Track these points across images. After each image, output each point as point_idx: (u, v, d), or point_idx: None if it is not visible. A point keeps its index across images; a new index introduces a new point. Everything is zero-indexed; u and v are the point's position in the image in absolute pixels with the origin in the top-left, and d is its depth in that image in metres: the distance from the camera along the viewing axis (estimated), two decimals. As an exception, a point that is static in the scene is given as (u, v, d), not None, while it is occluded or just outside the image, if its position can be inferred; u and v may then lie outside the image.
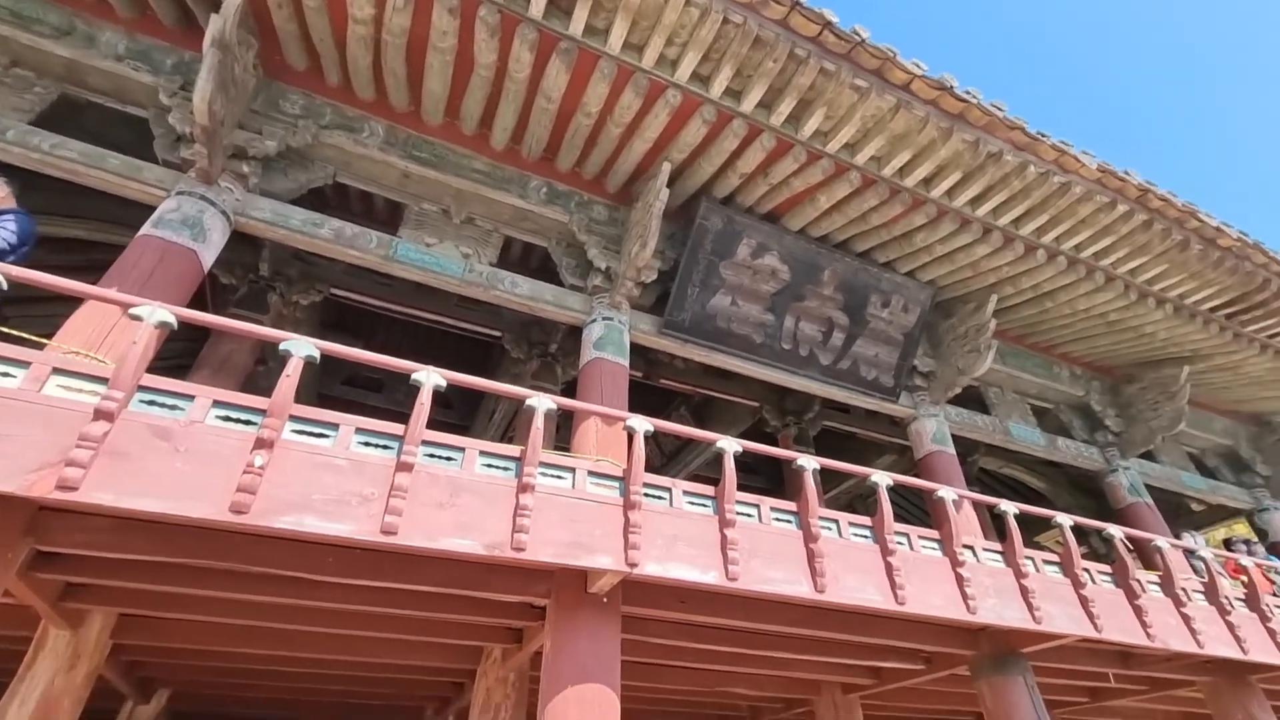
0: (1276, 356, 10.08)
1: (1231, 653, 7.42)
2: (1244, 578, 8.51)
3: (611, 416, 5.64)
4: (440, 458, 4.57)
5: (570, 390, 7.79)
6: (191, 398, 3.99)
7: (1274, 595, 8.50)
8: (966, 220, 7.82)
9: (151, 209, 5.87)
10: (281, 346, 4.33)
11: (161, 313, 3.99)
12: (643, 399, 10.76)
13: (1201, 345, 9.88)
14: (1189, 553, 8.33)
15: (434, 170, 7.16)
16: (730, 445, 5.63)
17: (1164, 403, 10.40)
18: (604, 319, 7.20)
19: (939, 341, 9.35)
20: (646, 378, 10.44)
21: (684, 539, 5.06)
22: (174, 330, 4.16)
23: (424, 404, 4.55)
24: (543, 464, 4.85)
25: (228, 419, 4.01)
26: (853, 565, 5.77)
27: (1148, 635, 6.94)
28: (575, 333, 7.77)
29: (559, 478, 4.93)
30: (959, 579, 6.17)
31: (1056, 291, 8.95)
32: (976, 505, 7.86)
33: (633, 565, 4.67)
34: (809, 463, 5.93)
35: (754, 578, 5.20)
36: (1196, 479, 11.71)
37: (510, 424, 10.48)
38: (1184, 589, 7.64)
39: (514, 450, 4.83)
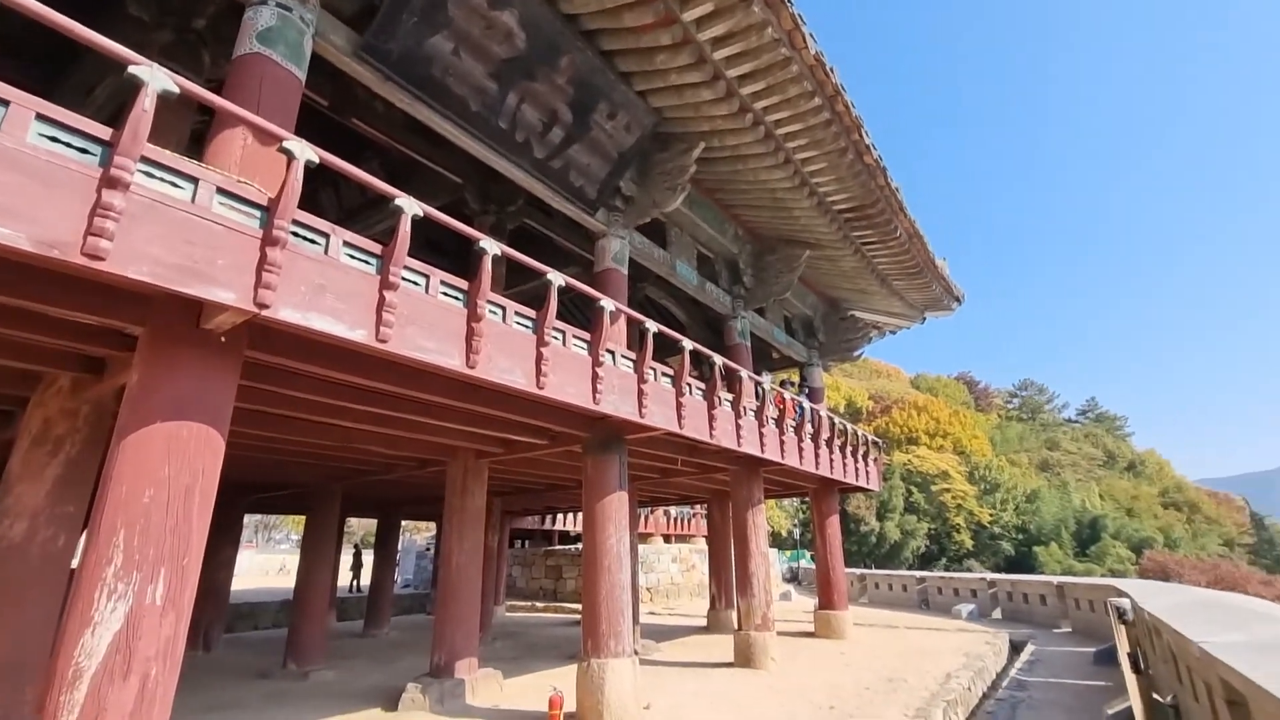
0: (862, 258, 13.35)
1: (755, 451, 10.44)
2: (782, 406, 11.81)
3: (266, 132, 4.56)
4: (-41, 103, 3.14)
5: (220, 91, 6.04)
6: None
7: (793, 420, 12.04)
8: (704, 59, 7.95)
9: None
10: None
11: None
12: (324, 136, 9.07)
13: (823, 237, 12.46)
14: (757, 383, 11.08)
15: None
16: (410, 206, 5.17)
17: (785, 273, 13.10)
18: (279, 5, 5.55)
19: (646, 171, 9.81)
20: (333, 110, 8.74)
21: (335, 292, 4.63)
22: None
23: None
24: (149, 160, 3.74)
25: None
26: (508, 349, 6.14)
27: (712, 435, 9.24)
28: (237, 13, 5.87)
29: (175, 185, 3.90)
30: (595, 375, 7.14)
31: (749, 158, 10.03)
32: (630, 320, 8.99)
33: (263, 307, 4.12)
34: (491, 246, 5.86)
35: (407, 344, 5.13)
36: (782, 335, 15.43)
37: (123, 109, 7.79)
38: (745, 407, 10.25)
39: (99, 130, 3.59)
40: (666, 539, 26.26)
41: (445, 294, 5.65)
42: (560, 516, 24.82)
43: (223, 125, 5.02)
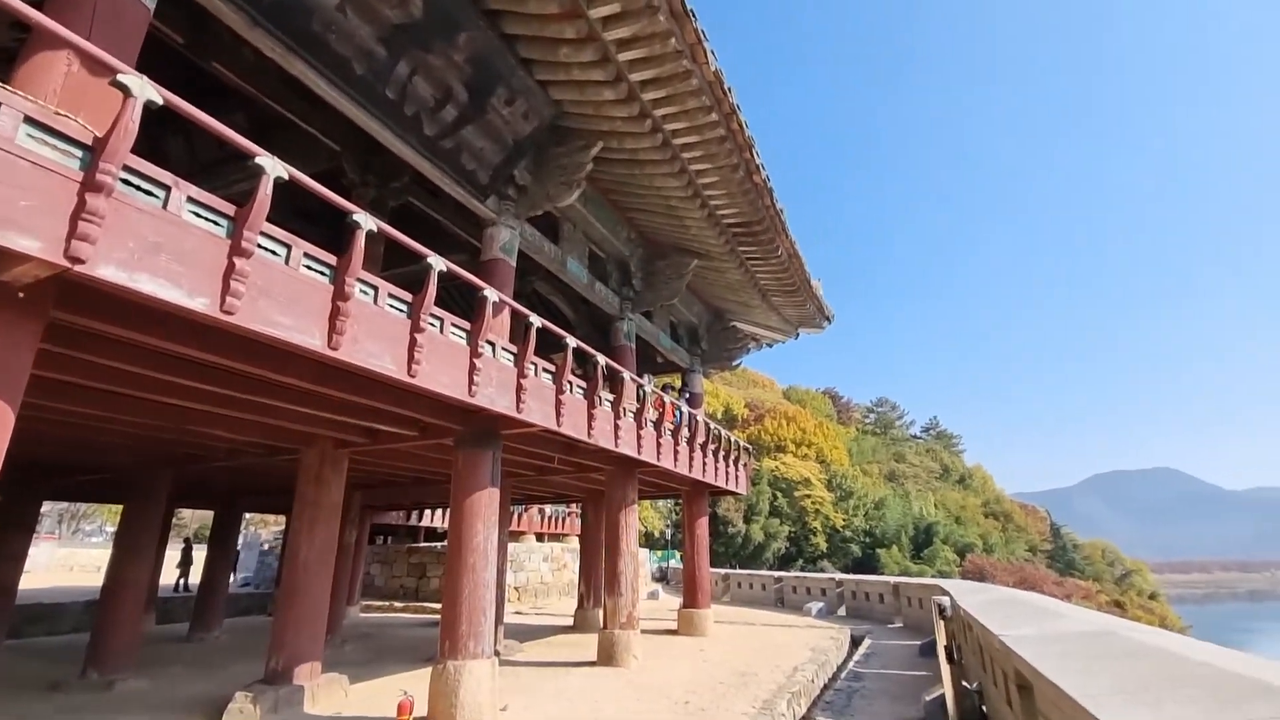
0: (746, 273, 13.98)
1: (632, 453, 10.58)
2: (661, 409, 12.07)
3: (97, 60, 3.94)
4: None
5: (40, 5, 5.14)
6: None
7: (671, 424, 12.35)
8: (608, 58, 7.95)
9: None
10: None
11: None
12: (183, 79, 8.07)
13: (712, 248, 12.91)
14: (639, 386, 11.24)
15: None
16: (273, 167, 4.70)
17: (674, 280, 13.43)
18: (127, -81, 4.84)
19: (543, 163, 9.65)
20: (192, 51, 7.79)
21: (174, 253, 4.10)
22: None
23: None
24: (-71, 72, 3.10)
25: None
26: (378, 332, 5.77)
27: (590, 434, 9.24)
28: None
29: (-36, 106, 3.26)
30: (473, 367, 6.88)
31: (647, 164, 10.16)
32: (515, 314, 8.77)
33: (76, 261, 3.56)
34: (365, 221, 5.47)
35: (259, 318, 4.66)
36: (667, 340, 15.80)
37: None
38: (625, 408, 10.36)
39: None
40: (539, 537, 25.98)
41: (310, 268, 5.20)
42: (428, 512, 23.75)
43: (40, 45, 4.28)
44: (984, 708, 6.75)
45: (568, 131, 9.50)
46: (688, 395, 16.72)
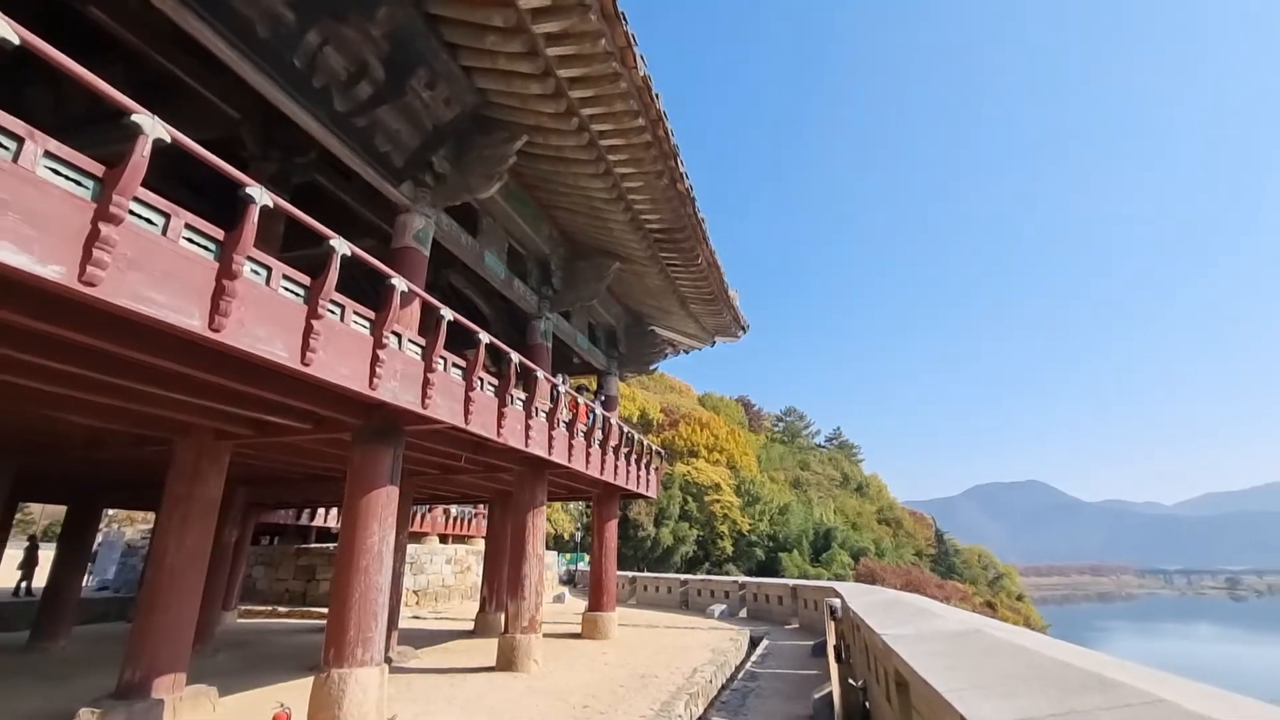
0: (666, 279, 14.14)
1: (542, 453, 10.41)
2: (575, 410, 11.98)
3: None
4: None
5: None
6: None
7: (584, 425, 12.28)
8: (536, 52, 7.81)
9: None
10: None
11: None
12: (51, 25, 7.26)
13: (634, 252, 12.97)
14: (554, 385, 11.10)
15: None
16: (154, 127, 4.26)
17: (594, 281, 13.38)
18: None
19: (463, 152, 9.34)
20: (65, -11, 6.97)
21: (22, 213, 3.63)
22: None
23: None
24: None
25: None
26: (270, 317, 5.36)
27: (499, 433, 9.01)
28: None
29: None
30: (375, 358, 6.54)
31: (571, 162, 10.07)
32: (425, 306, 8.42)
33: (-108, 211, 3.06)
34: (260, 195, 5.07)
35: (127, 292, 4.21)
36: (585, 341, 15.72)
37: None
38: (538, 408, 10.20)
39: None
40: (444, 539, 25.10)
41: (192, 241, 4.76)
42: (322, 511, 22.36)
43: None
44: (868, 704, 7.13)
45: (492, 122, 9.25)
46: (603, 398, 16.69)
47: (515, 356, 9.25)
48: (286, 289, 5.61)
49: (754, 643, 15.70)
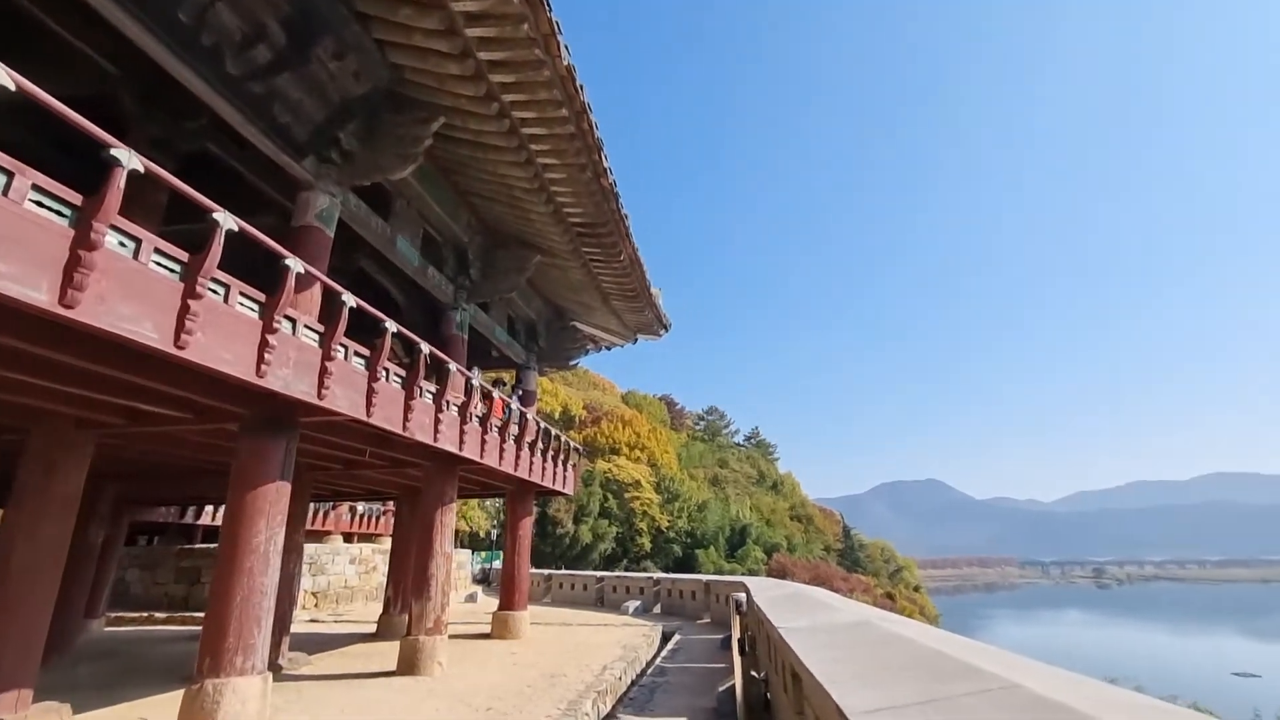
0: (588, 274, 14.02)
1: (453, 448, 10.06)
2: (490, 405, 11.65)
3: None
4: None
5: None
6: None
7: (499, 420, 11.97)
8: (455, 31, 7.50)
9: None
10: None
11: None
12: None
13: (556, 246, 12.77)
14: (467, 378, 10.75)
15: None
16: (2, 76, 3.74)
17: (514, 273, 13.08)
18: None
19: (375, 129, 8.85)
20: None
21: None
22: None
23: None
24: None
25: None
26: (139, 294, 4.85)
27: (406, 427, 8.62)
28: None
29: None
30: (265, 343, 6.07)
31: (490, 149, 9.77)
32: (328, 290, 7.90)
33: None
34: (127, 158, 4.57)
35: (-48, 258, 3.67)
36: (503, 334, 15.35)
37: None
38: (449, 401, 9.83)
39: None
40: (349, 538, 23.88)
41: (43, 205, 4.23)
42: (210, 509, 20.70)
43: None
44: (769, 695, 7.33)
45: (407, 100, 8.82)
46: (520, 392, 16.37)
47: (426, 347, 8.87)
48: (160, 264, 5.09)
49: (666, 638, 15.87)
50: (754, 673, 7.92)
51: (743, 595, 8.88)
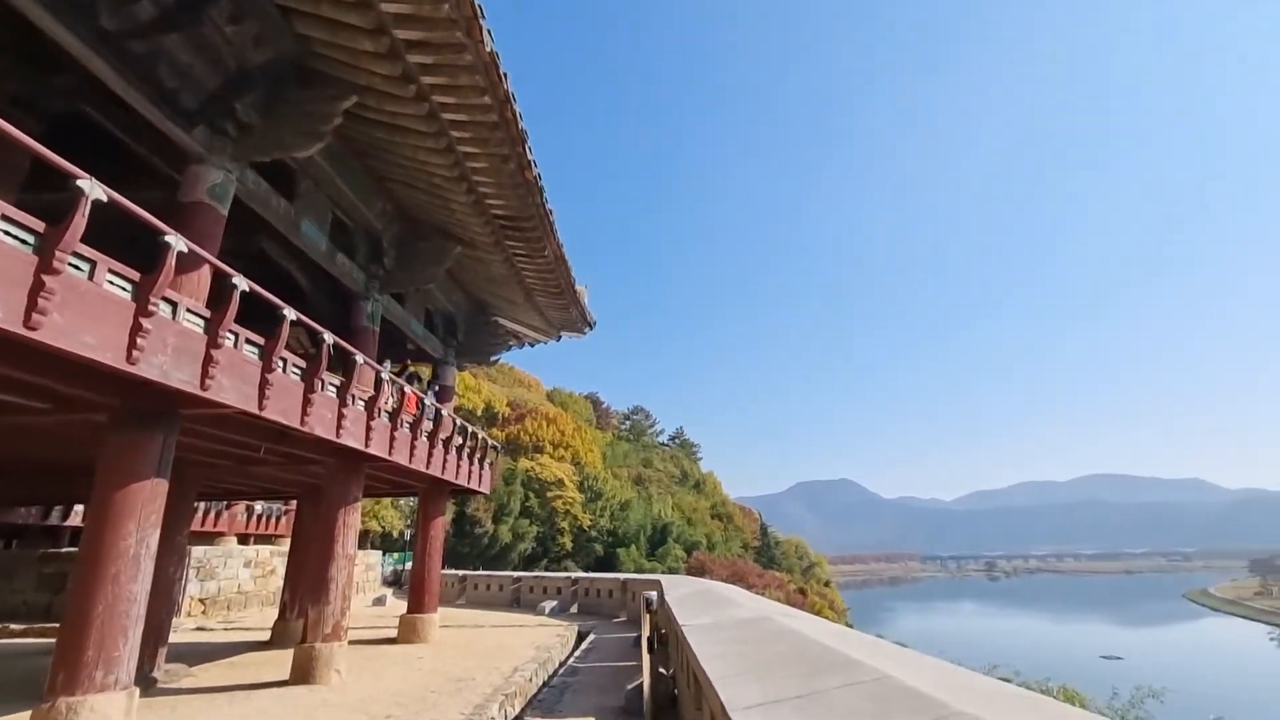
0: (511, 268, 13.71)
1: (358, 445, 9.57)
2: (402, 400, 11.17)
3: None
4: None
5: None
6: None
7: (410, 416, 11.50)
8: (369, 4, 7.14)
9: None
10: None
11: None
12: None
13: (477, 237, 12.41)
14: (377, 372, 10.26)
15: None
16: None
17: (432, 265, 12.60)
18: None
19: (278, 102, 8.28)
20: None
21: None
22: None
23: None
24: None
25: None
26: (-21, 266, 4.29)
27: (304, 421, 8.12)
28: None
29: None
30: (138, 327, 5.53)
31: (409, 132, 9.36)
32: (218, 273, 7.30)
33: None
34: (-34, 111, 4.03)
35: None
36: (420, 327, 14.78)
37: None
38: (355, 395, 9.35)
39: None
40: (244, 539, 22.31)
41: None
42: (80, 509, 18.75)
43: None
44: (676, 692, 7.40)
45: (315, 75, 8.31)
46: (437, 388, 15.83)
47: (330, 337, 8.39)
48: (9, 235, 4.53)
49: (582, 637, 15.79)
50: (663, 670, 7.98)
51: (654, 594, 8.95)
